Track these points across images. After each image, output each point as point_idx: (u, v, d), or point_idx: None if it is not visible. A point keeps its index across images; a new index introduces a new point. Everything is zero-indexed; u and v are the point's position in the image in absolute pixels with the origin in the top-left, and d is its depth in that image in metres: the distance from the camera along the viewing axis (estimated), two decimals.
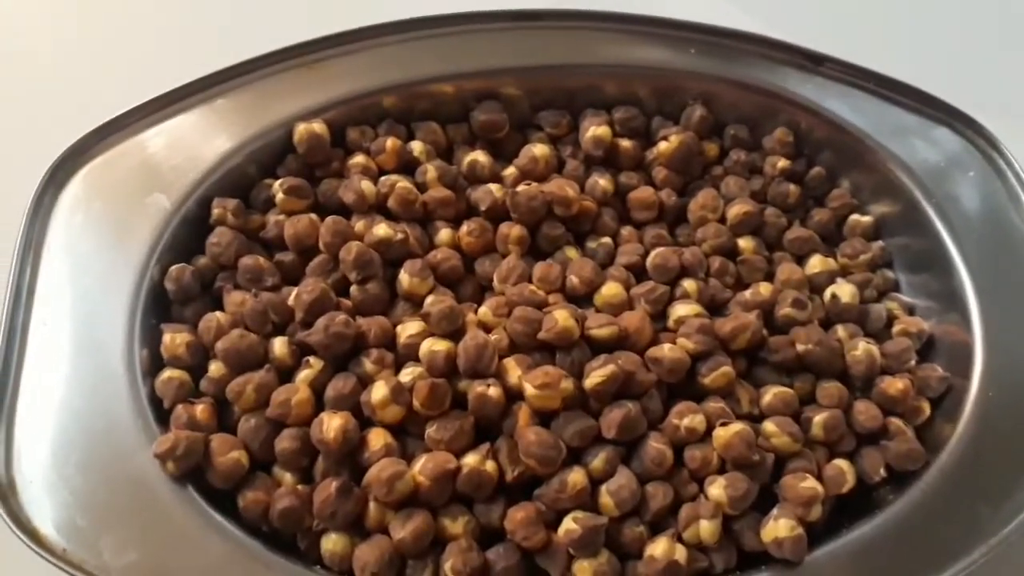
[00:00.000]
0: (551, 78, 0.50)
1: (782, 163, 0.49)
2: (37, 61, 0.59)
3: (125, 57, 0.59)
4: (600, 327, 0.39)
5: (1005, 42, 0.65)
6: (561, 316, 0.38)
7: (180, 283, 0.42)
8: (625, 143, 0.49)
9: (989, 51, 0.64)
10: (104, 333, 0.40)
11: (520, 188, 0.44)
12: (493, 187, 0.45)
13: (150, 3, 0.63)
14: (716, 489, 0.37)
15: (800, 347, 0.41)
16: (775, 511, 0.37)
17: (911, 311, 0.46)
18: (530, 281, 0.43)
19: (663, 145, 0.48)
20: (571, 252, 0.45)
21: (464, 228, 0.45)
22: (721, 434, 0.37)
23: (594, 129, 0.48)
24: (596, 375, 0.37)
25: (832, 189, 0.49)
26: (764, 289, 0.43)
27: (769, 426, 0.39)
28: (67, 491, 0.36)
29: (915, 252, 0.47)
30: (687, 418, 0.38)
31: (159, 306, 0.42)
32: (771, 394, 0.40)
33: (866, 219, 0.48)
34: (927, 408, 0.41)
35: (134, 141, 0.45)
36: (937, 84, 0.49)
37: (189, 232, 0.43)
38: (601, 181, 0.47)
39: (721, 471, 0.38)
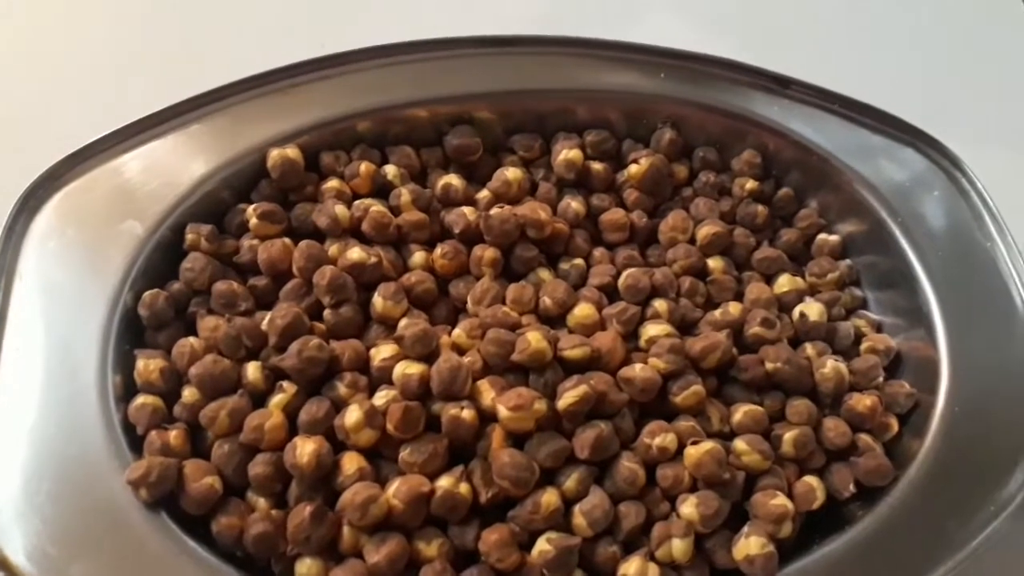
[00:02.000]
0: (523, 102, 0.50)
1: (750, 184, 0.49)
2: (9, 87, 0.59)
3: (99, 83, 0.59)
4: (573, 348, 0.40)
5: (966, 66, 0.66)
6: (534, 338, 0.39)
7: (153, 309, 0.42)
8: (596, 166, 0.50)
9: (952, 75, 0.65)
10: (77, 359, 0.40)
11: (493, 211, 0.45)
12: (466, 210, 0.46)
13: (124, 29, 0.63)
14: (688, 507, 0.37)
15: (769, 365, 0.41)
16: (746, 528, 0.37)
17: (879, 328, 0.47)
18: (503, 303, 0.43)
19: (634, 168, 0.49)
20: (544, 274, 0.45)
21: (438, 251, 0.45)
22: (692, 453, 0.38)
23: (566, 152, 0.48)
24: (569, 396, 0.38)
25: (800, 209, 0.50)
26: (734, 308, 0.44)
27: (740, 444, 0.39)
28: (38, 519, 0.36)
29: (882, 270, 0.47)
30: (659, 437, 0.38)
31: (132, 332, 0.42)
32: (741, 412, 0.40)
33: (833, 238, 0.49)
34: (895, 424, 0.42)
35: (108, 167, 0.45)
36: (900, 106, 0.50)
37: (163, 258, 0.43)
38: (573, 203, 0.47)
39: (693, 489, 0.38)
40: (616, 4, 0.67)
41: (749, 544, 0.36)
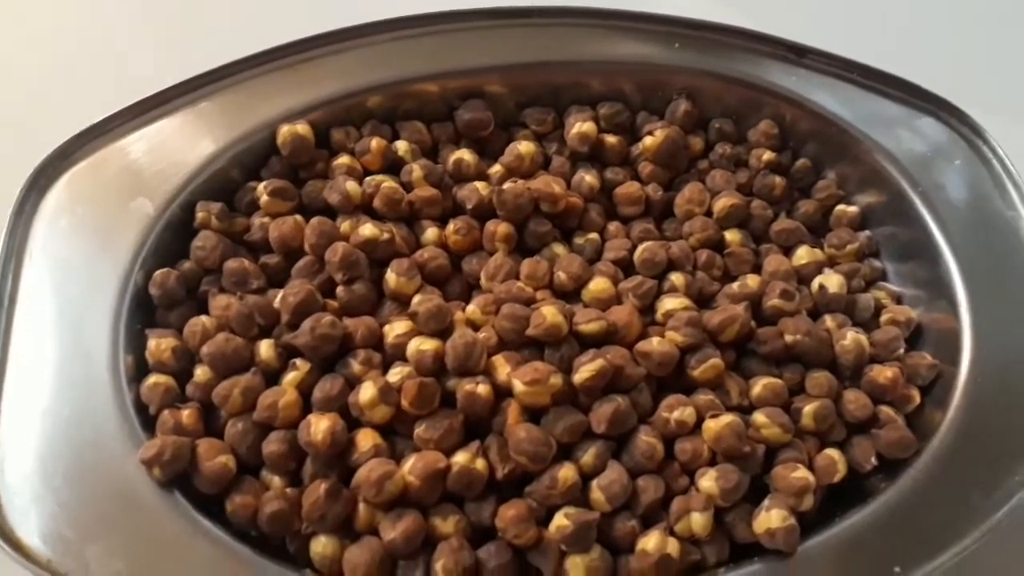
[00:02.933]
0: (535, 75, 0.50)
1: (767, 156, 0.49)
2: (19, 66, 0.59)
3: (108, 61, 0.59)
4: (588, 322, 0.39)
5: (988, 33, 0.65)
6: (549, 312, 0.38)
7: (165, 288, 0.41)
8: (610, 139, 0.49)
9: (973, 42, 0.64)
10: (88, 339, 0.40)
11: (506, 186, 0.44)
12: (479, 185, 0.45)
13: (132, 7, 0.63)
14: (707, 481, 0.37)
15: (788, 338, 0.41)
16: (767, 502, 0.37)
17: (899, 300, 0.46)
18: (517, 278, 0.43)
19: (648, 140, 0.48)
20: (558, 248, 0.45)
21: (451, 227, 0.44)
22: (711, 426, 0.37)
23: (579, 126, 0.48)
24: (585, 370, 0.37)
25: (818, 180, 0.49)
26: (752, 281, 0.43)
27: (759, 417, 0.38)
28: (52, 501, 0.36)
29: (902, 241, 0.47)
30: (677, 411, 0.38)
31: (143, 311, 0.41)
32: (760, 385, 0.40)
33: (852, 209, 0.48)
34: (917, 396, 0.41)
35: (117, 146, 0.45)
36: (920, 74, 0.49)
37: (173, 236, 0.43)
38: (587, 177, 0.47)
39: (712, 463, 0.38)
40: None
41: (770, 517, 0.36)
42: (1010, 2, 0.67)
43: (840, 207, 0.48)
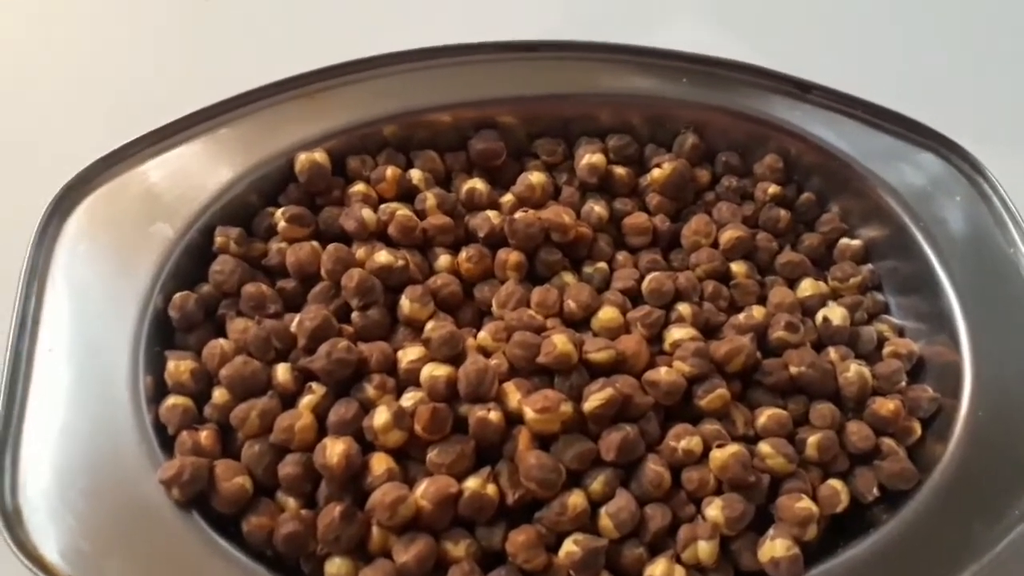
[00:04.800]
0: (547, 107, 0.51)
1: (772, 189, 0.50)
2: (41, 92, 0.60)
3: (128, 88, 0.60)
4: (598, 351, 0.40)
5: (988, 70, 0.66)
6: (560, 341, 0.39)
7: (184, 311, 0.42)
8: (619, 170, 0.50)
9: (971, 79, 0.65)
10: (109, 361, 0.40)
11: (518, 215, 0.45)
12: (491, 214, 0.46)
13: (152, 34, 0.64)
14: (713, 510, 0.37)
15: (793, 369, 0.42)
16: (771, 531, 0.37)
17: (901, 333, 0.47)
18: (528, 306, 0.43)
19: (656, 172, 0.49)
20: (568, 277, 0.46)
21: (463, 254, 0.45)
22: (717, 456, 0.38)
23: (589, 157, 0.49)
24: (595, 399, 0.38)
25: (822, 214, 0.51)
26: (757, 312, 0.44)
27: (764, 447, 0.39)
28: (72, 517, 0.37)
29: (904, 275, 0.48)
30: (684, 440, 0.39)
31: (163, 334, 0.42)
32: (766, 416, 0.41)
33: (856, 243, 0.49)
34: (918, 428, 0.42)
35: (137, 171, 0.46)
36: (921, 110, 0.50)
37: (192, 260, 0.44)
38: (596, 208, 0.48)
39: (718, 492, 0.38)
40: (637, 9, 0.68)
41: (775, 546, 0.37)
42: (1009, 41, 0.68)
43: (844, 240, 0.49)
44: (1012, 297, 0.45)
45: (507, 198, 0.48)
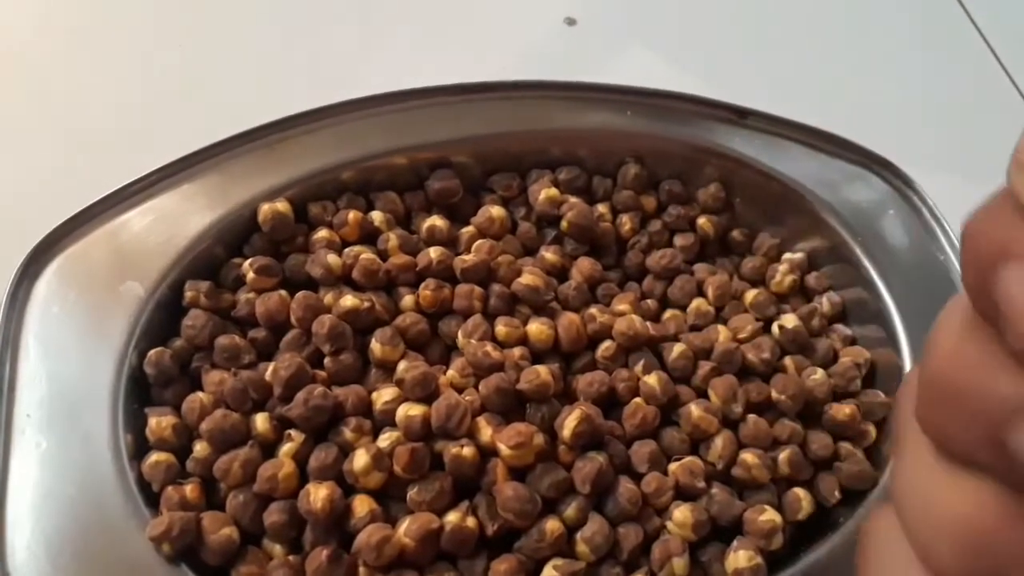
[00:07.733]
0: (500, 144, 0.53)
1: (713, 220, 0.53)
2: (5, 159, 0.60)
3: (91, 148, 0.60)
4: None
5: (915, 93, 0.70)
6: (543, 371, 0.41)
7: (159, 367, 0.43)
8: (572, 200, 0.52)
9: (897, 102, 0.69)
10: (88, 421, 0.41)
11: (468, 261, 0.46)
12: (431, 250, 0.47)
13: (113, 94, 0.65)
14: (681, 513, 0.39)
15: (775, 395, 0.44)
16: (735, 543, 0.40)
17: (852, 341, 0.49)
18: (494, 336, 0.45)
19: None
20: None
21: (422, 286, 0.46)
22: (674, 468, 0.41)
23: (545, 192, 0.51)
24: (569, 422, 0.40)
25: (759, 235, 0.53)
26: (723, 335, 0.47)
27: (750, 457, 0.42)
28: None
29: (844, 284, 0.50)
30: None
31: (139, 390, 0.43)
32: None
33: (798, 255, 0.52)
34: (873, 432, 0.44)
35: (105, 229, 0.47)
36: (854, 132, 0.53)
37: (164, 316, 0.45)
38: (547, 255, 0.49)
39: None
40: (587, 48, 0.70)
41: (738, 558, 0.39)
42: (936, 66, 0.73)
43: (786, 255, 0.52)
44: (945, 300, 0.48)
45: (468, 230, 0.50)
